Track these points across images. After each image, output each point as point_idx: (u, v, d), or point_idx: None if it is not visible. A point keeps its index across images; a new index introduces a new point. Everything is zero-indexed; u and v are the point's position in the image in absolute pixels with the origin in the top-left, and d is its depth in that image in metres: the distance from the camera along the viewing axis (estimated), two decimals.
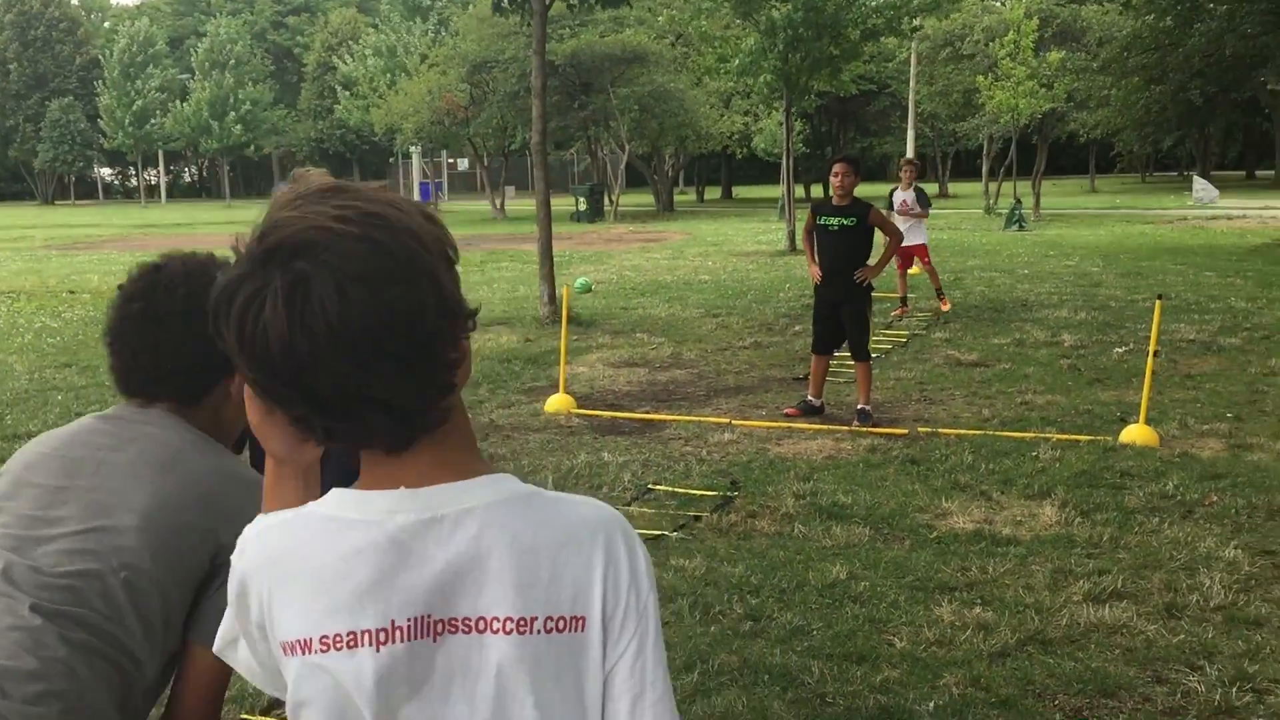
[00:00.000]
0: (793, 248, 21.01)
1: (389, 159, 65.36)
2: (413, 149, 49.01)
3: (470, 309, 1.11)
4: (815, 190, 53.24)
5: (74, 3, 77.77)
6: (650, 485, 6.20)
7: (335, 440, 1.10)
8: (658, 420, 7.86)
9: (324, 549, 1.11)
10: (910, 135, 33.52)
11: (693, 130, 36.94)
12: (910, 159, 13.96)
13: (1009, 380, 8.86)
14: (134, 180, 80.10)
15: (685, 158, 46.07)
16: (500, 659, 1.09)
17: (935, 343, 10.75)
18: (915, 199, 12.84)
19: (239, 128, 64.70)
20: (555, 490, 1.20)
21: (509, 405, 8.38)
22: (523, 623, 1.09)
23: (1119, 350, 9.95)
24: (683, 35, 31.34)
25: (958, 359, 9.83)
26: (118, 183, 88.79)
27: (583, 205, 36.40)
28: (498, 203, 40.80)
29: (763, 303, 13.91)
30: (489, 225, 35.36)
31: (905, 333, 11.33)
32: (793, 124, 22.44)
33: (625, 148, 37.01)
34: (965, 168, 53.41)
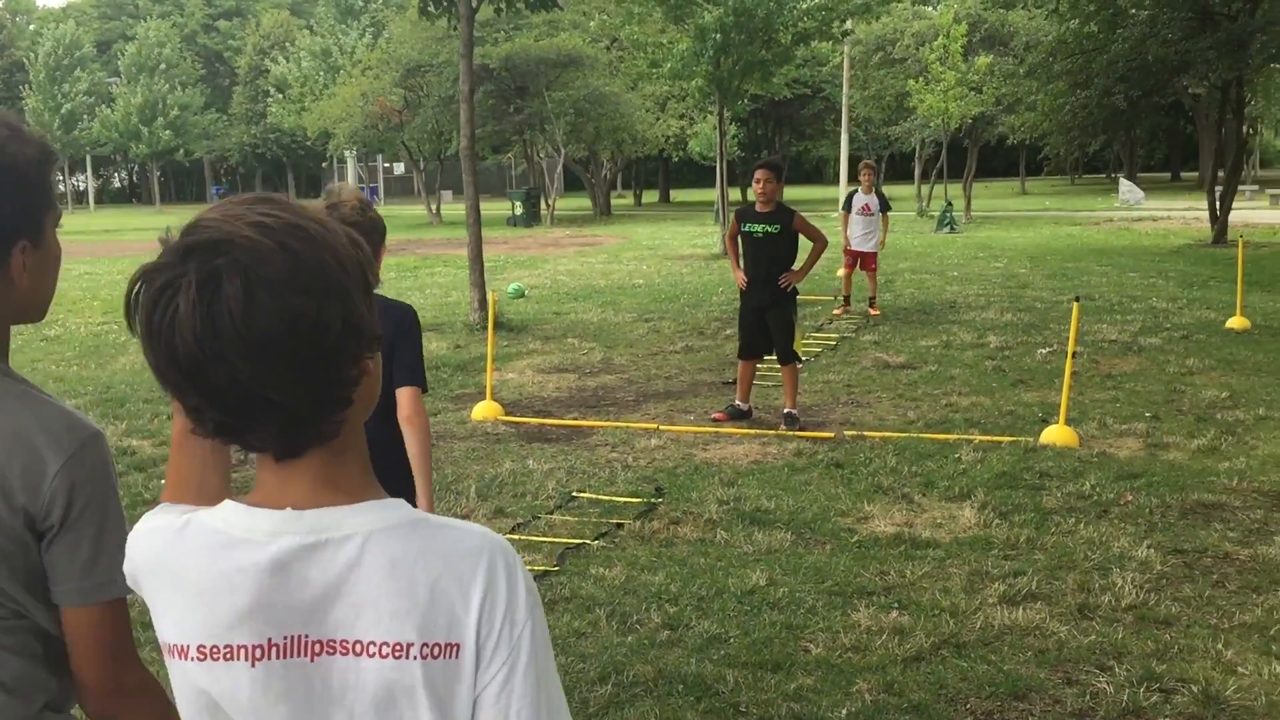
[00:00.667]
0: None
1: (323, 163, 64.60)
2: (348, 153, 48.51)
3: (376, 334, 1.13)
4: (752, 194, 53.57)
5: None
6: (574, 493, 6.16)
7: (226, 437, 1.11)
8: (585, 427, 7.82)
9: (207, 564, 1.13)
10: (844, 139, 33.79)
11: (629, 134, 36.94)
12: (869, 162, 14.02)
13: (935, 382, 8.94)
14: (61, 185, 78.43)
15: (622, 161, 46.06)
16: (377, 682, 1.11)
17: (864, 345, 10.82)
18: (878, 203, 12.95)
19: (168, 133, 63.55)
20: (477, 497, 1.20)
21: (435, 413, 8.28)
22: (398, 648, 1.10)
23: (1043, 351, 10.08)
24: (617, 40, 31.34)
25: (886, 361, 9.90)
26: None
27: (519, 209, 36.24)
28: (433, 207, 40.51)
29: (695, 307, 13.92)
30: (424, 230, 35.08)
31: (835, 336, 11.40)
32: (726, 127, 22.52)
33: (561, 151, 36.92)
34: (900, 171, 53.98)
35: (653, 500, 5.96)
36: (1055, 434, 6.95)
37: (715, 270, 18.53)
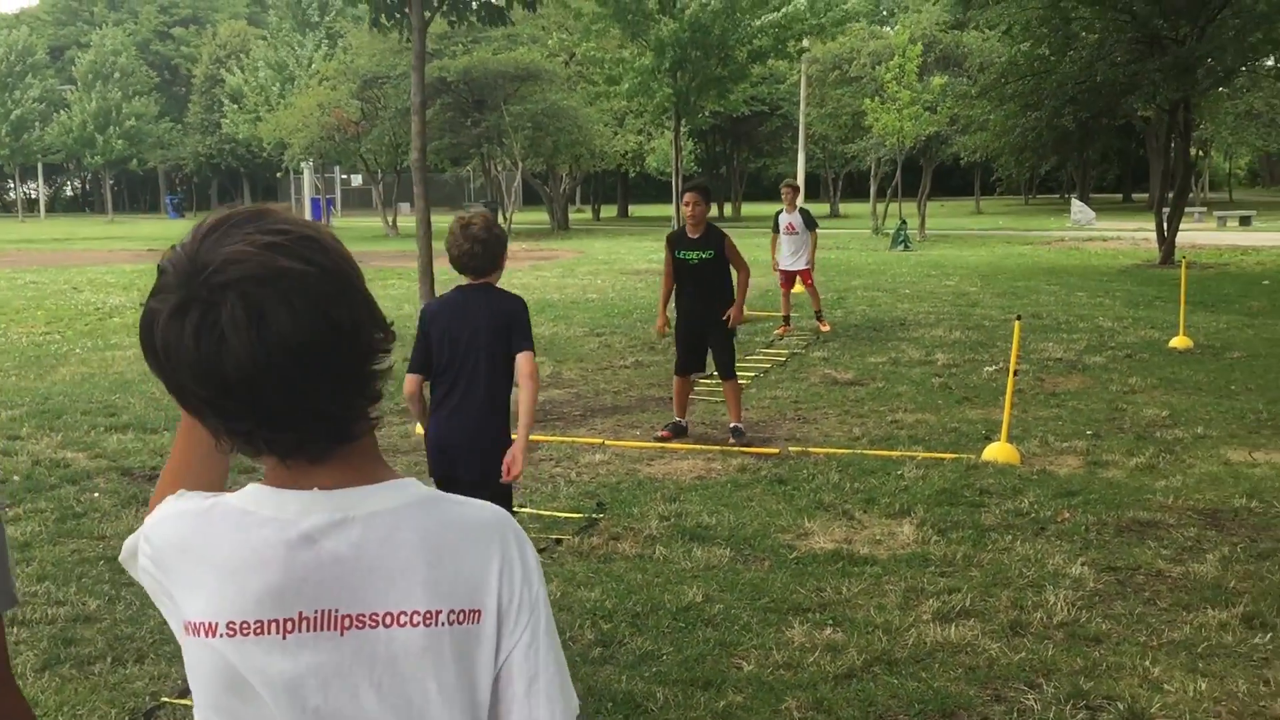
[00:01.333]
0: None
1: (279, 174, 64.12)
2: (304, 164, 48.19)
3: (389, 325, 1.20)
4: (711, 209, 53.74)
5: None
6: (515, 508, 6.10)
7: (269, 451, 1.17)
8: (531, 441, 7.76)
9: (238, 541, 1.18)
10: (801, 156, 34.03)
11: (587, 148, 36.98)
12: (791, 182, 14.13)
13: (881, 399, 8.98)
14: (11, 194, 77.31)
15: (580, 176, 46.08)
16: (406, 650, 1.17)
17: (813, 362, 10.86)
18: (802, 221, 13.01)
19: (122, 142, 62.81)
20: None
21: (380, 427, 8.19)
22: (429, 616, 1.17)
23: (989, 369, 10.16)
24: (575, 55, 31.39)
25: (834, 378, 9.94)
26: None
27: None
28: (390, 219, 40.30)
29: (648, 321, 13.91)
30: (381, 242, 34.89)
31: (785, 352, 11.43)
32: (683, 143, 22.60)
33: (519, 165, 36.89)
34: (857, 188, 54.44)
35: (594, 515, 5.94)
36: (997, 451, 7.00)
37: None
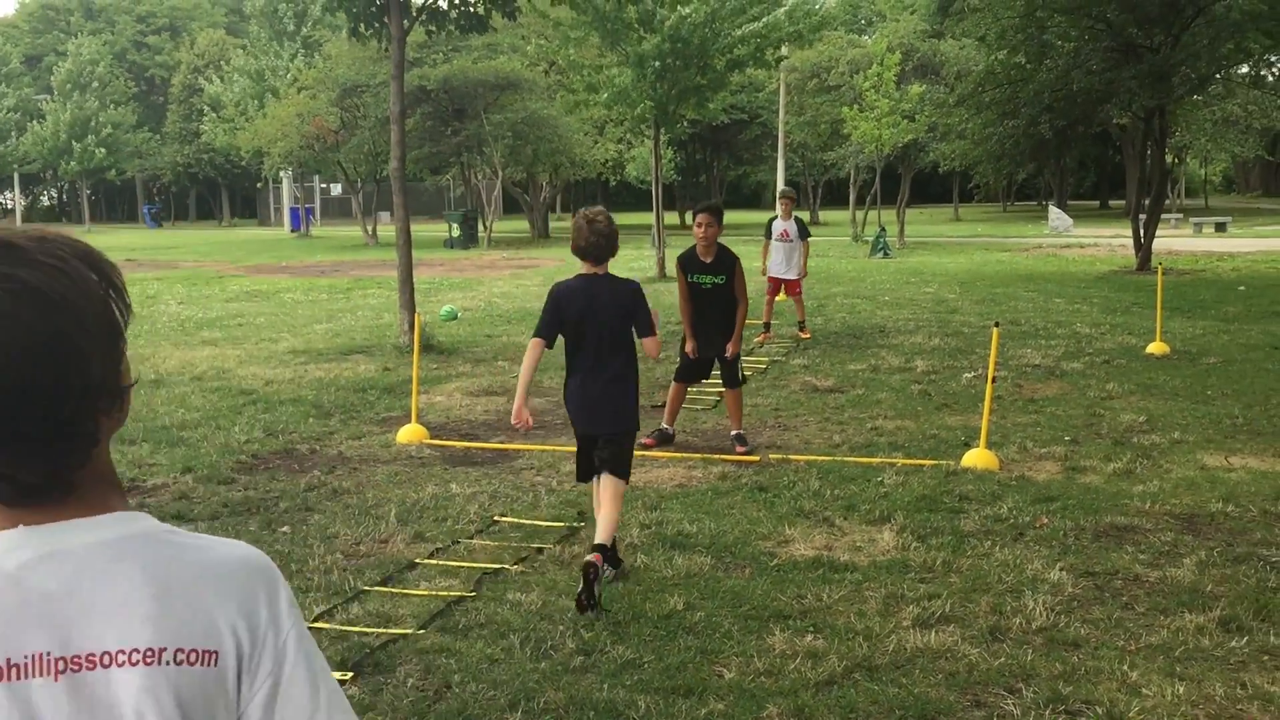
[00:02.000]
0: (662, 274, 21.14)
1: (258, 183, 63.86)
2: (283, 173, 48.02)
3: (122, 386, 1.14)
4: (689, 217, 53.84)
5: None
6: (496, 517, 6.11)
7: None
8: (511, 450, 7.77)
9: None
10: (780, 164, 34.13)
11: (567, 157, 36.98)
12: (787, 191, 14.21)
13: (862, 406, 9.01)
14: None
15: (560, 184, 46.08)
16: (127, 692, 1.09)
17: (794, 369, 10.89)
18: (796, 229, 13.07)
19: (100, 151, 62.45)
20: (397, 521, 1.22)
21: (360, 436, 8.19)
22: (149, 654, 1.09)
23: (968, 375, 10.21)
24: (555, 63, 31.41)
25: (814, 385, 9.97)
26: None
27: (456, 231, 36.08)
28: (370, 228, 40.21)
29: None
30: (360, 251, 34.80)
31: (765, 360, 11.45)
32: (663, 152, 22.63)
33: (499, 174, 36.86)
34: (837, 196, 54.60)
35: (575, 525, 5.93)
36: (976, 457, 7.03)
37: (650, 294, 18.48)
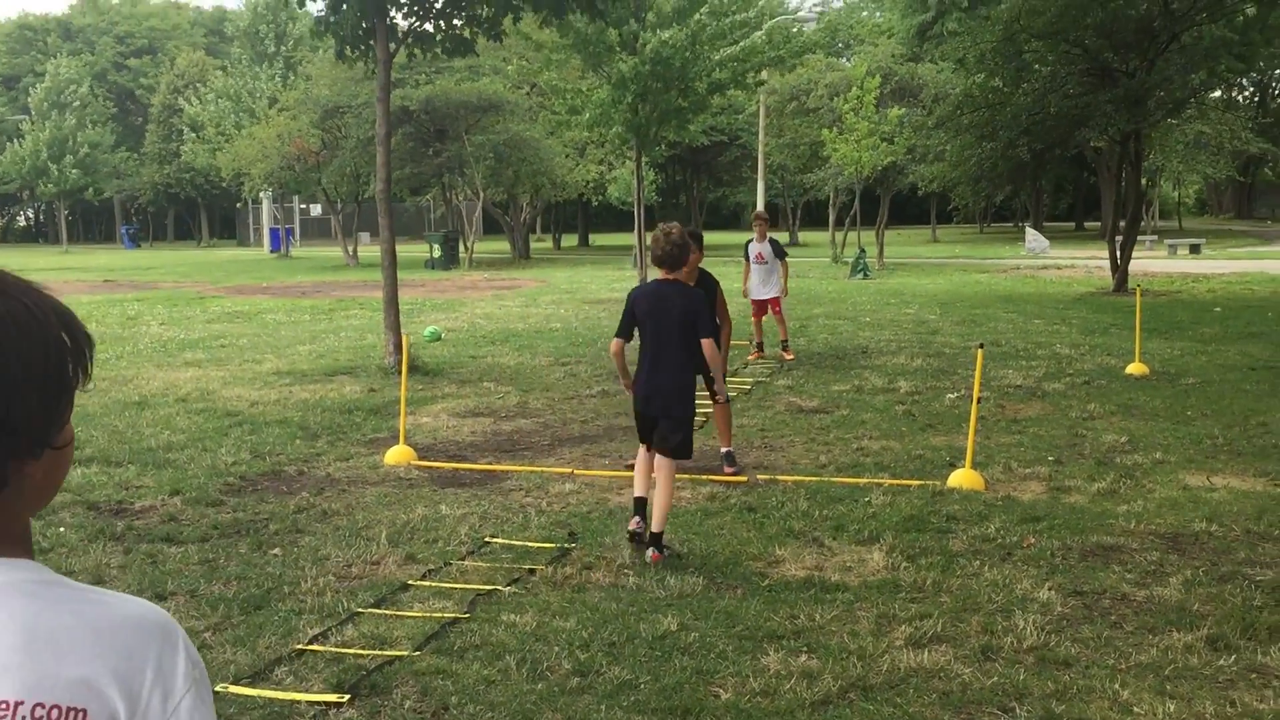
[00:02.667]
0: None
1: (238, 204, 63.71)
2: (263, 194, 47.93)
3: (50, 441, 1.10)
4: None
5: None
6: (487, 538, 6.12)
7: None
8: (499, 471, 7.78)
9: None
10: (760, 186, 34.33)
11: (548, 178, 37.09)
12: (761, 213, 14.29)
13: (847, 426, 9.07)
14: None
15: (541, 205, 46.18)
16: None
17: (778, 390, 10.95)
18: (771, 250, 13.15)
19: (77, 171, 62.20)
20: (388, 543, 1.19)
21: (347, 458, 8.19)
22: (3, 706, 1.05)
23: (951, 396, 10.30)
24: (537, 85, 31.54)
25: (799, 406, 10.03)
26: None
27: (437, 252, 36.08)
28: (350, 249, 40.15)
29: None
30: (341, 272, 34.75)
31: (750, 380, 11.51)
32: (644, 173, 22.73)
33: (480, 195, 36.91)
34: (816, 217, 54.92)
35: (566, 545, 5.95)
36: (962, 478, 7.09)
37: None
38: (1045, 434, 8.65)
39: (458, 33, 12.45)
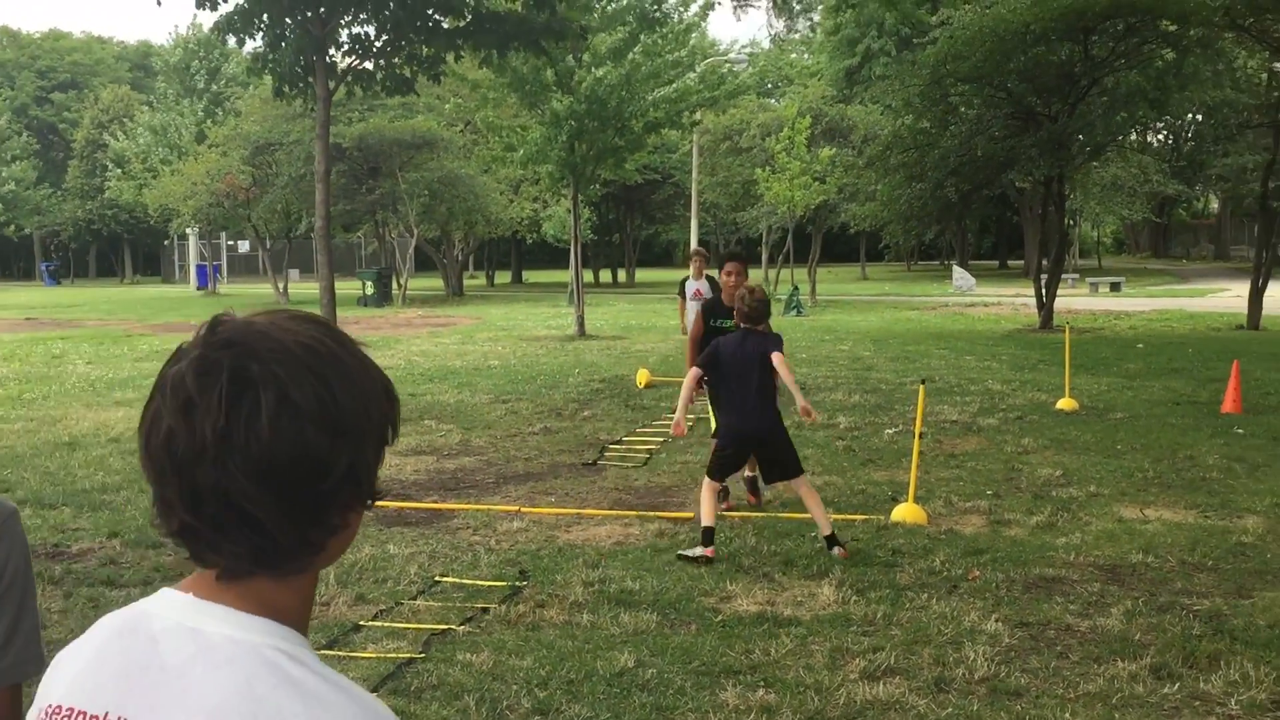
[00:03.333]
0: (582, 332, 21.26)
1: (164, 240, 62.68)
2: (190, 230, 47.25)
3: (374, 491, 1.09)
4: (604, 275, 54.18)
5: None
6: (437, 578, 6.09)
7: (185, 541, 1.05)
8: (446, 509, 7.74)
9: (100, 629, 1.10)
10: (694, 223, 34.63)
11: (482, 215, 37.07)
12: (699, 249, 14.35)
13: None
14: None
15: (475, 242, 46.10)
16: None
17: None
18: (709, 288, 13.19)
19: None
20: (336, 583, 1.16)
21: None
22: None
23: (890, 431, 10.46)
24: (471, 122, 31.59)
25: None
26: None
27: (370, 289, 35.84)
28: (281, 286, 39.70)
29: (552, 388, 13.97)
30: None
31: (692, 416, 11.55)
32: (580, 211, 22.85)
33: (414, 232, 36.77)
34: (747, 255, 55.59)
35: (517, 584, 5.94)
36: (905, 512, 7.20)
37: (571, 351, 18.66)
38: (983, 468, 8.82)
39: (397, 71, 12.46)
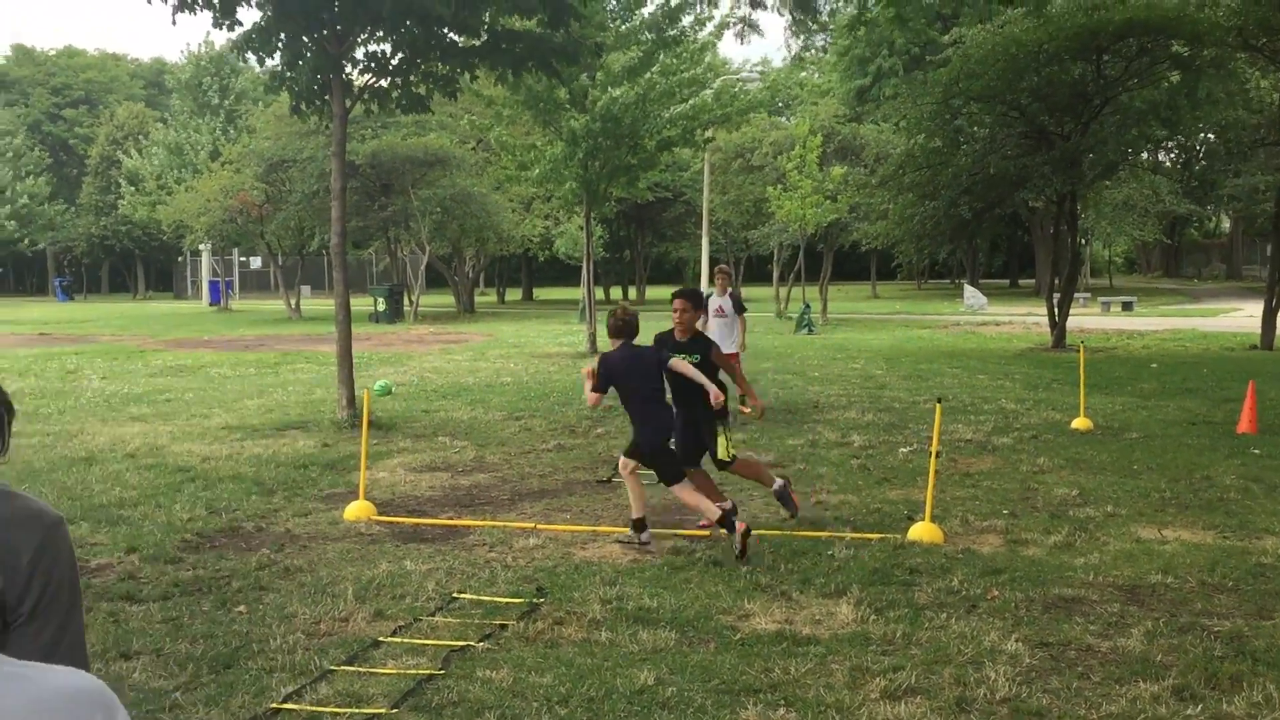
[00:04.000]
0: (594, 349, 21.28)
1: (177, 257, 62.93)
2: (203, 247, 47.45)
3: None
4: (615, 293, 54.24)
5: None
6: (455, 594, 6.09)
7: None
8: (461, 526, 7.75)
9: None
10: (705, 241, 34.63)
11: (494, 232, 37.17)
12: (724, 267, 14.23)
13: (804, 480, 9.15)
14: None
15: (486, 259, 46.21)
16: None
17: (733, 444, 10.99)
18: (732, 305, 13.12)
19: (13, 223, 61.14)
20: (355, 599, 1.17)
21: (306, 513, 8.11)
22: None
23: (904, 450, 10.45)
24: (484, 140, 31.72)
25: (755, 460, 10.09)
26: None
27: (382, 306, 35.92)
28: (293, 302, 39.83)
29: (565, 405, 13.98)
30: (284, 325, 34.43)
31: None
32: (593, 228, 22.91)
33: (426, 249, 36.88)
34: (758, 273, 55.51)
35: (535, 600, 5.94)
36: (922, 531, 7.19)
37: (583, 368, 18.64)
38: (998, 487, 8.80)
39: (414, 88, 12.53)
